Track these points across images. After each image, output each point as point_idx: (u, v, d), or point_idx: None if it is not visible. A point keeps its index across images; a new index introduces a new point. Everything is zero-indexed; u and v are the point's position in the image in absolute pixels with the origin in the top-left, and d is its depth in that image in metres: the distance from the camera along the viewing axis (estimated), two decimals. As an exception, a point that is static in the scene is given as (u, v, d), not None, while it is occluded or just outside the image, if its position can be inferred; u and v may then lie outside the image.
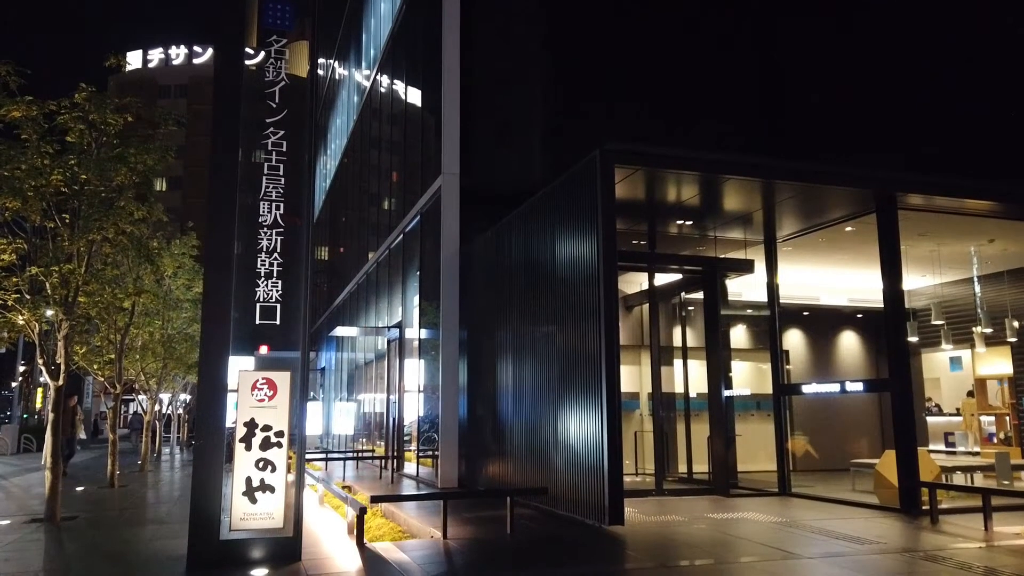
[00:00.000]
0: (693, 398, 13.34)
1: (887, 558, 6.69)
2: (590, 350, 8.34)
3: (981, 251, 12.56)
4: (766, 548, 7.13)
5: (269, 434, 6.78)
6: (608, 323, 8.09)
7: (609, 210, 8.34)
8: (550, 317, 9.62)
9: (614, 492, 7.75)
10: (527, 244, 10.79)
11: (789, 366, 15.58)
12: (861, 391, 10.02)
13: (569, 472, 8.68)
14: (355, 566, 6.49)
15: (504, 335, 11.52)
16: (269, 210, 7.19)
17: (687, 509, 9.81)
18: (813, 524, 8.49)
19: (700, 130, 13.13)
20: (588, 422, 8.29)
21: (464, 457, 12.69)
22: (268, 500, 6.67)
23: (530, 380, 10.21)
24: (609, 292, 8.16)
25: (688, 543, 7.37)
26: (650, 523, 8.54)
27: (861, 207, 10.29)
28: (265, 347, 7.35)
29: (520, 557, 6.90)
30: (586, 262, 8.60)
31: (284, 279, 7.13)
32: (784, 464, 11.50)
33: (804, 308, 16.08)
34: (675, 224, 11.74)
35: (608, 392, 7.95)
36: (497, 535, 7.85)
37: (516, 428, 10.67)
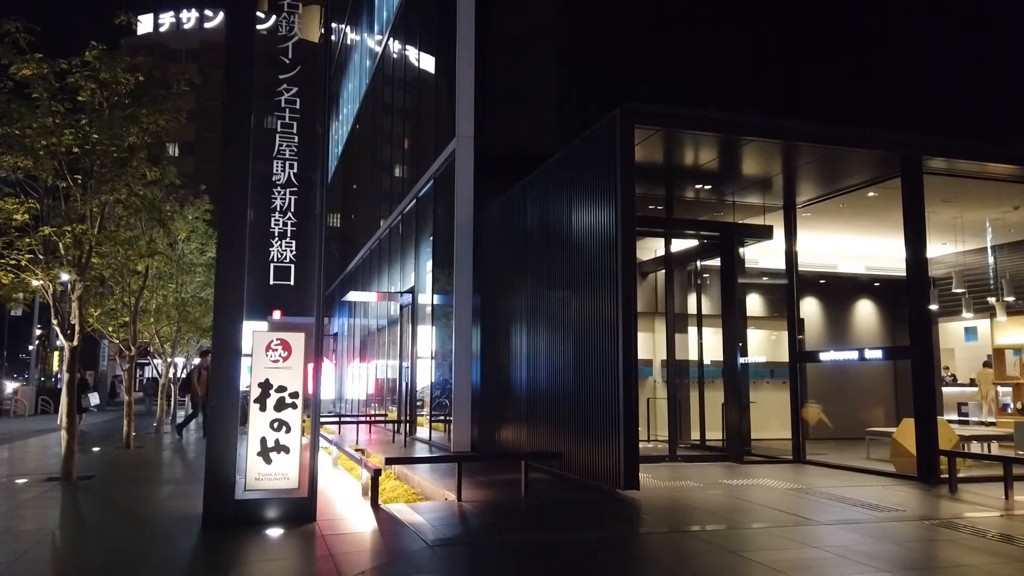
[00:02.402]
0: (707, 365, 13.27)
1: (906, 525, 6.63)
2: (607, 316, 8.24)
3: (1005, 218, 12.29)
4: (781, 514, 7.08)
5: (284, 395, 6.74)
6: (626, 288, 7.97)
7: (628, 172, 8.17)
8: (566, 282, 9.51)
9: (630, 457, 7.71)
10: (543, 208, 10.64)
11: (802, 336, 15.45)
12: (880, 359, 9.89)
13: (584, 437, 8.64)
14: (370, 527, 6.50)
15: (519, 300, 11.42)
16: (283, 169, 7.07)
17: (701, 475, 9.77)
18: (829, 491, 8.43)
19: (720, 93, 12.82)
20: (604, 388, 8.22)
21: (477, 422, 12.69)
22: (283, 460, 6.67)
23: (545, 345, 10.13)
24: (627, 257, 8.03)
25: (702, 508, 7.34)
26: (664, 488, 8.51)
27: (885, 171, 10.05)
28: (278, 312, 7.26)
29: (534, 520, 6.89)
30: (604, 226, 8.45)
31: (298, 239, 7.04)
32: (799, 432, 11.44)
33: (821, 276, 15.89)
34: (693, 189, 11.55)
35: (625, 357, 7.86)
36: (511, 498, 7.84)
37: (530, 393, 10.63)
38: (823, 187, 11.09)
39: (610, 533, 6.25)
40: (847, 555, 5.50)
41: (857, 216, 12.27)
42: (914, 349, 9.39)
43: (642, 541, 6.16)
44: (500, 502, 7.66)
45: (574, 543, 5.87)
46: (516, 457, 8.51)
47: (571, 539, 6.00)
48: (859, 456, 12.08)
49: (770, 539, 6.08)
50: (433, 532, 6.11)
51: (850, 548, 5.72)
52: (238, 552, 5.63)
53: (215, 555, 5.67)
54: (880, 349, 9.96)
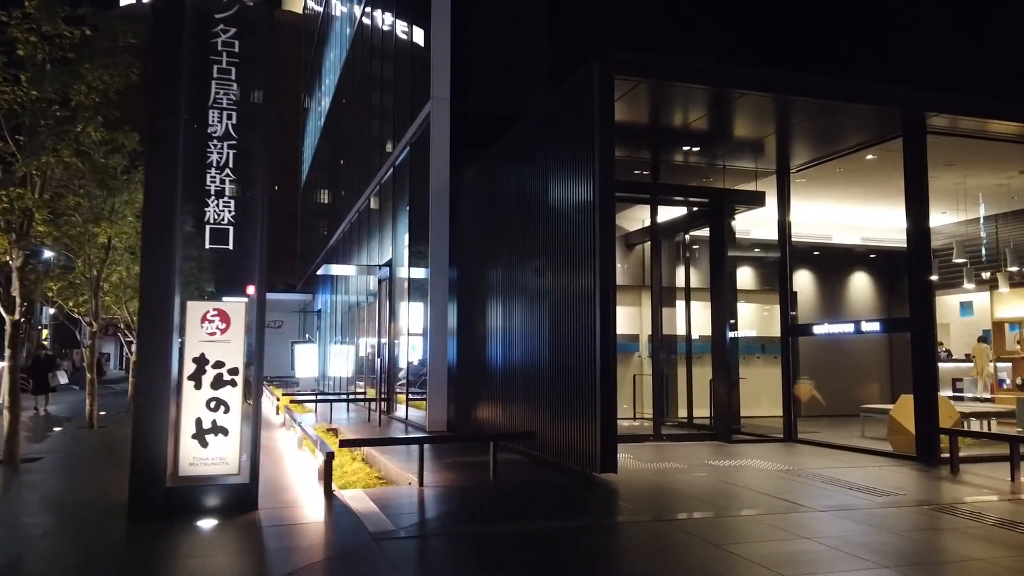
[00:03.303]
0: (696, 340, 12.67)
1: (905, 512, 6.05)
2: (584, 287, 7.58)
3: (1010, 184, 11.65)
4: (771, 499, 6.49)
5: (222, 371, 6.08)
6: (604, 257, 7.30)
7: (607, 129, 7.47)
8: (542, 252, 8.83)
9: (607, 438, 7.09)
10: (518, 173, 9.93)
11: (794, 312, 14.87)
12: (878, 332, 9.29)
13: (560, 417, 8.02)
14: (317, 517, 5.87)
15: (495, 273, 10.75)
16: (219, 119, 6.34)
17: (686, 455, 9.20)
18: (822, 473, 7.85)
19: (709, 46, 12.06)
20: (581, 365, 7.58)
21: (454, 400, 12.09)
22: (221, 443, 6.02)
23: (521, 320, 9.48)
24: (606, 223, 7.35)
25: (686, 493, 6.74)
26: (646, 471, 7.91)
27: (885, 131, 9.37)
28: (252, 287, 6.47)
29: (500, 508, 6.27)
30: (581, 190, 7.76)
31: (238, 198, 6.34)
32: (790, 409, 10.86)
33: (815, 247, 15.26)
34: (680, 152, 10.84)
35: (603, 332, 7.21)
36: (479, 483, 7.23)
37: (507, 370, 10.01)
38: (819, 149, 10.40)
39: (582, 522, 5.64)
40: (843, 547, 4.91)
41: (854, 182, 11.60)
42: (914, 321, 8.78)
43: (617, 532, 5.55)
44: (466, 487, 7.05)
45: (539, 535, 5.26)
46: (484, 438, 7.89)
47: (536, 530, 5.39)
48: (853, 434, 11.53)
49: (759, 529, 5.49)
50: (382, 523, 5.49)
51: (846, 539, 5.13)
52: (158, 547, 4.99)
53: (131, 551, 5.04)
54: (878, 321, 9.36)
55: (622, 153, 10.66)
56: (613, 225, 7.48)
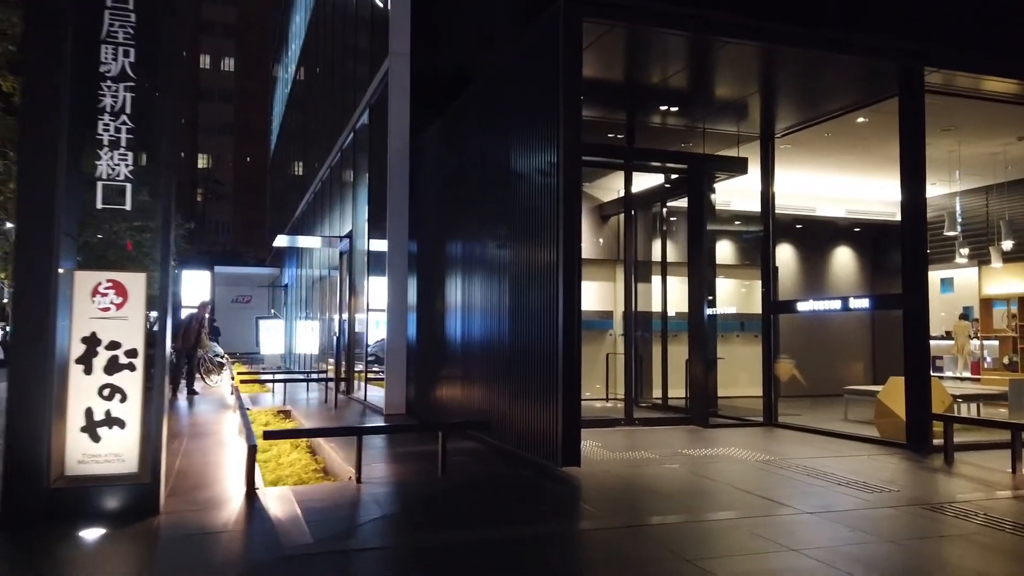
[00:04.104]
0: (672, 318, 11.93)
1: (902, 514, 5.34)
2: (546, 260, 6.75)
3: (1007, 152, 10.96)
4: (752, 498, 5.76)
5: (117, 353, 5.19)
6: (568, 226, 6.46)
7: (574, 80, 6.58)
8: (503, 221, 7.96)
9: (569, 429, 6.31)
10: (478, 133, 9.02)
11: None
12: (867, 308, 8.59)
13: (520, 403, 7.23)
14: (226, 524, 5.03)
15: (457, 244, 9.87)
16: (114, 57, 5.37)
17: (660, 442, 8.47)
18: (807, 463, 7.15)
19: None
20: (542, 345, 6.78)
21: (413, 381, 11.27)
22: (116, 437, 5.15)
23: (480, 295, 8.64)
24: (571, 187, 6.50)
25: (657, 490, 5.99)
26: (614, 462, 7.16)
27: (879, 89, 8.59)
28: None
29: (444, 511, 5.47)
30: (544, 150, 6.89)
31: (138, 151, 5.40)
32: (771, 391, 10.18)
33: (798, 220, 14.54)
34: (657, 112, 9.99)
35: (566, 309, 6.40)
36: (425, 478, 6.43)
37: (467, 350, 9.19)
38: (806, 111, 9.61)
39: (536, 530, 4.87)
40: (836, 563, 4.17)
41: (842, 148, 10.85)
42: (907, 298, 8.07)
43: (575, 543, 4.78)
44: (409, 483, 6.25)
45: (485, 547, 4.48)
46: (432, 428, 7.08)
47: (482, 541, 4.60)
48: (836, 417, 10.91)
49: (737, 537, 4.74)
50: (299, 534, 4.66)
51: (838, 551, 4.40)
52: (21, 564, 4.13)
53: (-9, 570, 4.17)
54: (867, 298, 8.64)
55: (594, 113, 9.81)
56: (579, 190, 6.64)
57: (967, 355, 14.39)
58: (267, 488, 6.12)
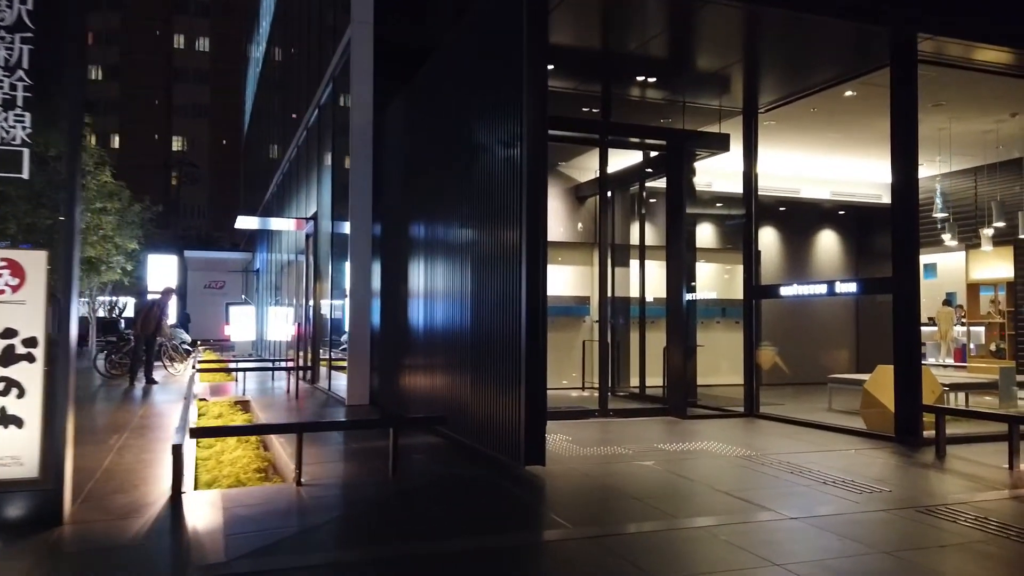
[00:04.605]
0: (650, 303, 11.42)
1: (898, 518, 4.83)
2: (508, 242, 6.15)
3: (998, 130, 10.49)
4: (732, 500, 5.24)
5: (13, 342, 4.55)
6: (532, 203, 5.87)
7: (539, 42, 5.97)
8: (465, 200, 7.34)
9: (533, 424, 5.75)
10: (441, 107, 8.37)
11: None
12: (854, 293, 8.06)
13: (482, 396, 6.66)
14: (138, 536, 4.42)
15: (419, 226, 9.24)
16: (8, 4, 4.68)
17: (635, 436, 7.95)
18: (791, 460, 6.66)
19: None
20: (504, 334, 6.20)
21: (377, 370, 10.67)
22: (12, 438, 4.52)
23: (442, 280, 8.03)
24: (535, 162, 5.90)
25: (630, 493, 5.44)
26: (584, 459, 6.62)
27: (870, 59, 8.06)
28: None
29: (387, 519, 4.88)
30: (507, 122, 6.27)
31: (36, 111, 4.72)
32: (752, 380, 9.69)
33: (781, 202, 14.04)
34: (635, 84, 9.39)
35: (530, 295, 5.82)
36: (374, 479, 5.84)
37: (430, 339, 8.59)
38: (792, 83, 9.06)
39: (492, 542, 4.30)
40: (827, 581, 3.65)
41: (829, 125, 10.33)
42: (897, 281, 7.57)
43: (535, 559, 4.22)
44: (355, 485, 5.67)
45: (432, 565, 3.91)
46: (383, 424, 6.49)
47: (430, 556, 4.03)
48: (819, 407, 10.46)
49: (715, 549, 4.21)
50: (214, 550, 4.06)
51: (827, 566, 3.88)
52: None
53: None
54: (855, 282, 8.14)
55: (567, 84, 9.21)
56: (544, 164, 6.04)
57: (950, 342, 14.04)
58: (197, 492, 5.51)
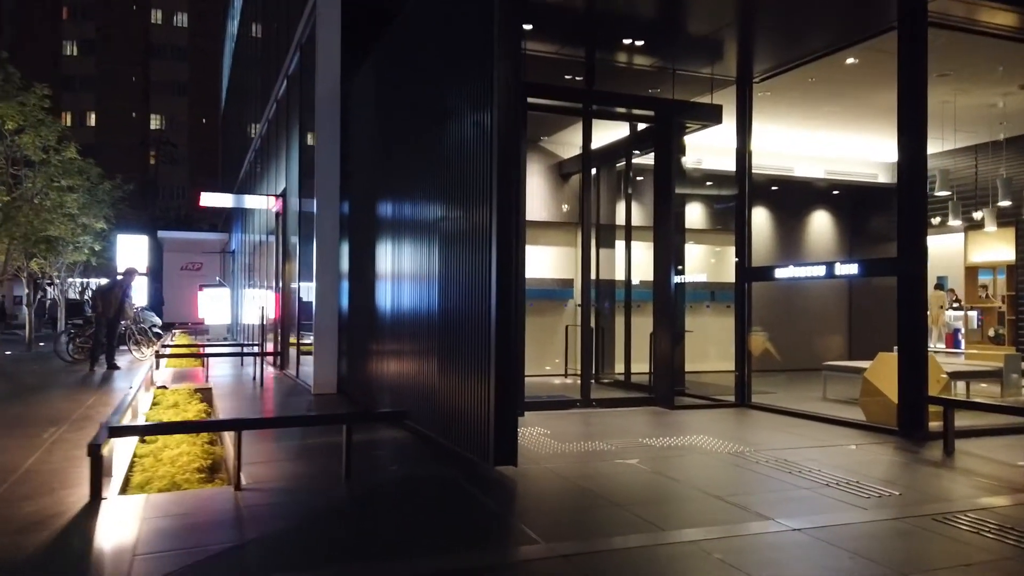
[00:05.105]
0: (636, 286, 10.83)
1: (914, 528, 4.26)
2: (478, 221, 5.50)
3: (1006, 103, 9.91)
4: (724, 507, 4.65)
5: None
6: (503, 178, 5.21)
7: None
8: (433, 175, 6.66)
9: (503, 421, 5.13)
10: (409, 73, 7.65)
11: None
12: (856, 275, 7.49)
13: (450, 387, 6.03)
14: (34, 553, 3.77)
15: (387, 204, 8.54)
16: None
17: (618, 429, 7.37)
18: (786, 456, 6.09)
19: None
20: (472, 320, 5.56)
21: (346, 356, 10.02)
22: None
23: (410, 262, 7.37)
24: (506, 134, 5.23)
25: (610, 498, 4.84)
26: (562, 456, 6.02)
27: (875, 20, 7.42)
28: None
29: (330, 534, 4.24)
30: (477, 90, 5.59)
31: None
32: (744, 368, 9.13)
33: (773, 181, 13.44)
34: (621, 48, 8.71)
35: (500, 278, 5.17)
36: (324, 483, 5.21)
37: (398, 324, 7.93)
38: (789, 49, 8.42)
39: (446, 563, 3.69)
40: (843, 615, 3.06)
41: (827, 96, 9.71)
42: (903, 262, 6.99)
43: (496, 577, 3.61)
44: (302, 489, 5.03)
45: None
46: (334, 420, 5.85)
47: (368, 581, 3.42)
48: (814, 395, 9.96)
49: (706, 570, 3.62)
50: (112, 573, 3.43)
51: (843, 593, 3.30)
52: None
53: None
54: (857, 263, 7.56)
55: (548, 48, 8.53)
56: (518, 134, 5.37)
57: (942, 327, 13.57)
58: (120, 498, 4.86)
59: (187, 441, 6.61)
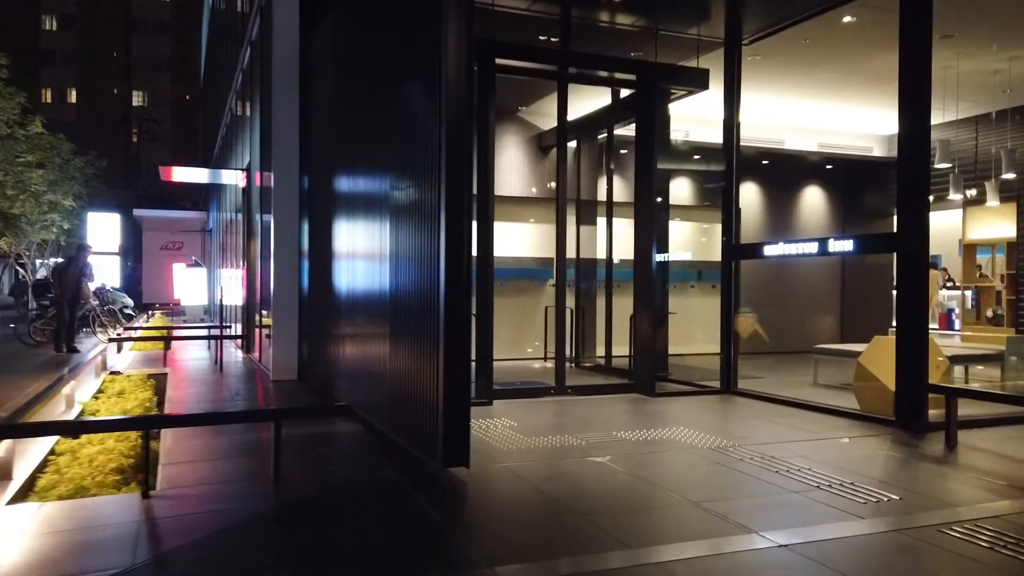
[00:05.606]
0: (617, 265, 10.23)
1: (923, 544, 3.69)
2: (427, 187, 4.85)
3: (1010, 69, 9.28)
4: (706, 517, 4.07)
5: None
6: (451, 152, 4.56)
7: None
8: (386, 144, 5.98)
9: (454, 415, 4.53)
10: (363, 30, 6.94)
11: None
12: (851, 251, 6.90)
13: (399, 375, 5.42)
14: None
15: (343, 177, 7.86)
16: None
17: (593, 419, 6.79)
18: (774, 452, 5.52)
19: None
20: (421, 298, 4.94)
21: (307, 339, 9.39)
22: None
23: (364, 238, 6.71)
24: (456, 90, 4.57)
25: (576, 507, 4.25)
26: (527, 453, 5.42)
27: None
28: None
29: (240, 559, 3.63)
30: (425, 40, 4.91)
31: None
32: (730, 352, 8.55)
33: (763, 154, 12.80)
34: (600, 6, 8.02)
35: (450, 249, 4.54)
36: (247, 488, 4.59)
37: (353, 306, 7.30)
38: (781, 6, 7.75)
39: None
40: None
41: (821, 61, 9.07)
42: (904, 238, 6.39)
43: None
44: (218, 496, 4.41)
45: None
46: (260, 416, 5.23)
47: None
48: (803, 380, 9.42)
49: (678, 602, 3.03)
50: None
51: (839, 634, 2.72)
52: None
53: None
54: (852, 239, 6.95)
55: (520, 3, 7.82)
56: (471, 102, 4.69)
57: (935, 307, 13.07)
58: (10, 507, 4.24)
59: (115, 437, 5.98)
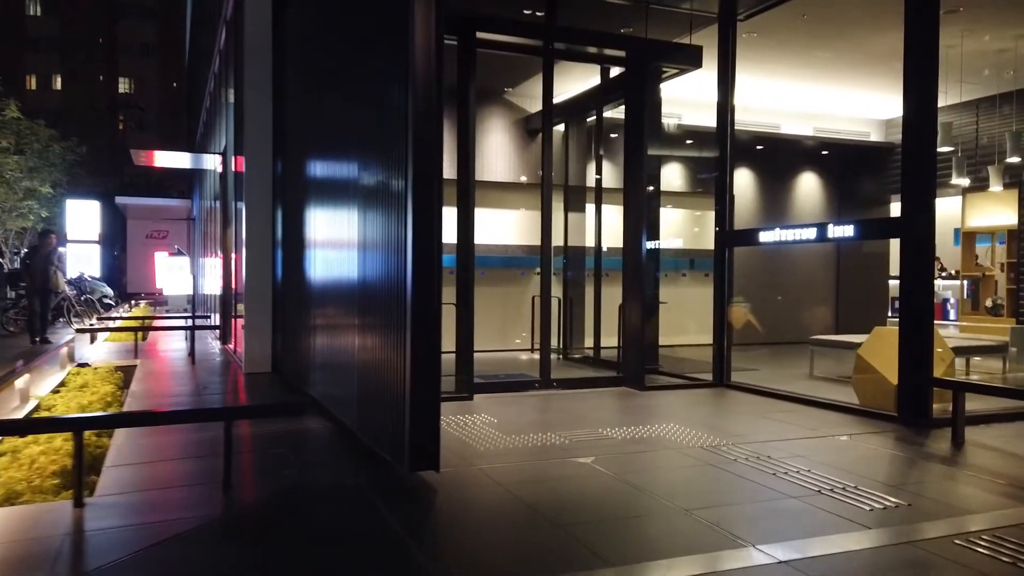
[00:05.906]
0: (607, 253, 9.85)
1: (937, 559, 3.32)
2: (395, 169, 4.43)
3: (1017, 48, 8.90)
4: (697, 528, 3.69)
5: None
6: (418, 135, 4.13)
7: None
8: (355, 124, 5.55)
9: (422, 413, 4.12)
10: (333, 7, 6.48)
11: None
12: (851, 237, 6.53)
13: (366, 368, 5.02)
14: None
15: (315, 161, 7.41)
16: None
17: (578, 416, 6.40)
18: (771, 452, 5.15)
19: None
20: (388, 286, 4.53)
21: (281, 330, 8.97)
22: None
23: (334, 224, 6.28)
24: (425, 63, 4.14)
25: (554, 518, 3.86)
26: (505, 455, 5.03)
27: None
28: None
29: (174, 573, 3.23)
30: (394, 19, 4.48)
31: None
32: (723, 343, 8.17)
33: (757, 139, 12.41)
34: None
35: (418, 235, 4.13)
36: (195, 494, 4.18)
37: (324, 294, 6.88)
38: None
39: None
40: None
41: (821, 38, 8.66)
42: (909, 222, 6.02)
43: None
44: (160, 505, 4.00)
45: None
46: (209, 416, 4.81)
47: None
48: (799, 372, 9.09)
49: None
50: None
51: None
52: None
53: None
54: (853, 224, 6.57)
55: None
56: (440, 77, 4.25)
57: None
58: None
59: (62, 437, 5.55)
